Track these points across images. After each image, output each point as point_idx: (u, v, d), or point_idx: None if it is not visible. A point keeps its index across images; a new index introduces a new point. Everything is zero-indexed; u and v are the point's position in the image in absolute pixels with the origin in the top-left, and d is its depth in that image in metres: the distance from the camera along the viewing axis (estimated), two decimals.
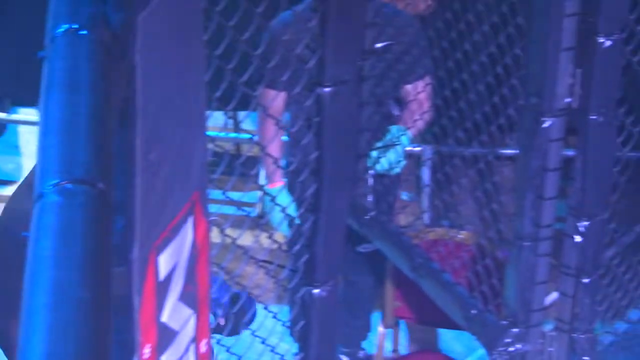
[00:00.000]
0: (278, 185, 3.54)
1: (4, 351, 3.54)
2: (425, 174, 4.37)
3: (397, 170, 3.85)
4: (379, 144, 3.68)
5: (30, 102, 5.68)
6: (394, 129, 3.70)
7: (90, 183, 1.40)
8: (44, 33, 1.59)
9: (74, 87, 1.51)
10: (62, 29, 1.54)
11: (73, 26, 1.56)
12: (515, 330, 3.28)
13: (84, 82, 1.53)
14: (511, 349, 3.29)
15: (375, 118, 3.54)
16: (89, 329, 1.31)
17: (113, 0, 1.62)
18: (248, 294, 3.18)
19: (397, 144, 3.71)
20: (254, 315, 3.22)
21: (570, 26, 2.96)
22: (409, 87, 3.73)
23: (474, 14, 3.45)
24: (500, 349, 3.30)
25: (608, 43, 3.03)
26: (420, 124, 3.79)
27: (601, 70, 3.07)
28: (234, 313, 3.18)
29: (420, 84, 3.78)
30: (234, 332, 3.20)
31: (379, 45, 3.29)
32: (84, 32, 1.55)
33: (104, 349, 1.29)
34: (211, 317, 3.23)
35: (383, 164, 3.71)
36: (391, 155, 3.74)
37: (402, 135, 3.77)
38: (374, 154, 3.63)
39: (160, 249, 1.74)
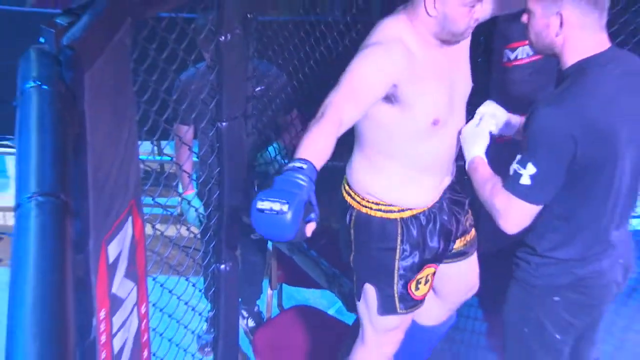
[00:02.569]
0: (191, 192, 3.52)
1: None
2: None
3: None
4: (261, 160, 3.67)
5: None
6: (270, 148, 3.70)
7: (55, 195, 1.38)
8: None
9: (40, 127, 1.49)
10: (29, 85, 1.52)
11: (37, 82, 1.53)
12: None
13: (47, 123, 1.51)
14: None
15: (258, 142, 3.54)
16: (58, 300, 1.30)
17: (66, 62, 1.60)
18: None
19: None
20: None
21: None
22: (281, 119, 3.73)
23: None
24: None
25: None
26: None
27: None
28: None
29: (292, 116, 3.77)
30: None
31: (257, 90, 3.30)
32: (45, 87, 1.53)
33: (69, 314, 1.29)
34: None
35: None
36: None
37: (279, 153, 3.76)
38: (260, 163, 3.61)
39: (109, 241, 1.72)
